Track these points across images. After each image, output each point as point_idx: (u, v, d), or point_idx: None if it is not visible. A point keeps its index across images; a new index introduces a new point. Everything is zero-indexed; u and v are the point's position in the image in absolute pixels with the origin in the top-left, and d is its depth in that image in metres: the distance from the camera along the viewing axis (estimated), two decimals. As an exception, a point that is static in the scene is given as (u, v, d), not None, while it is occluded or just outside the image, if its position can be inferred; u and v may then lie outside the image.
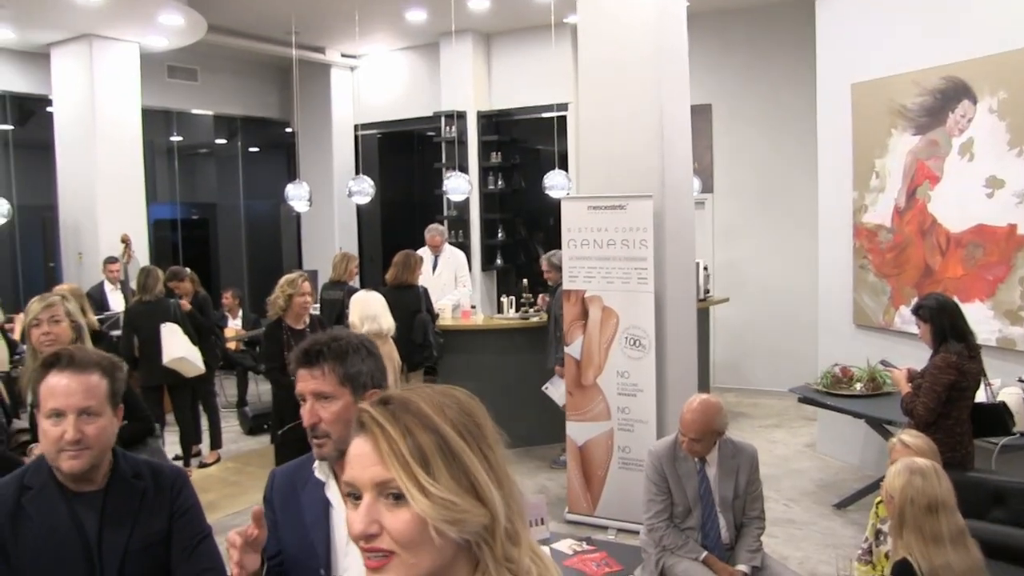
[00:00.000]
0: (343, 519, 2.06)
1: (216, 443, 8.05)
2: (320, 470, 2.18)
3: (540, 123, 11.20)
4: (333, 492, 2.16)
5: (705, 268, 9.06)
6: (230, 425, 9.01)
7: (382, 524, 1.18)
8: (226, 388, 10.16)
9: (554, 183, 8.90)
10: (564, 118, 10.71)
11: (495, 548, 1.20)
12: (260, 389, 10.22)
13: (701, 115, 9.68)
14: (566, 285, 6.22)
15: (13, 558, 2.14)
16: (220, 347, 8.74)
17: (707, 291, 9.20)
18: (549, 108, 10.76)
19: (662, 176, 5.99)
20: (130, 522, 2.25)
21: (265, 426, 8.71)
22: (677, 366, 6.11)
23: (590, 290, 6.08)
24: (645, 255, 5.87)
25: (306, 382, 2.13)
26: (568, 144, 10.81)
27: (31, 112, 10.94)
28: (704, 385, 8.40)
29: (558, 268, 6.74)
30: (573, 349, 6.17)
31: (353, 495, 1.22)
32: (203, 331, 7.85)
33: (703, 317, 8.74)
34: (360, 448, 1.21)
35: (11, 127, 10.70)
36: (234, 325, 10.06)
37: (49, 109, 10.35)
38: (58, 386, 2.20)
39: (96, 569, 2.19)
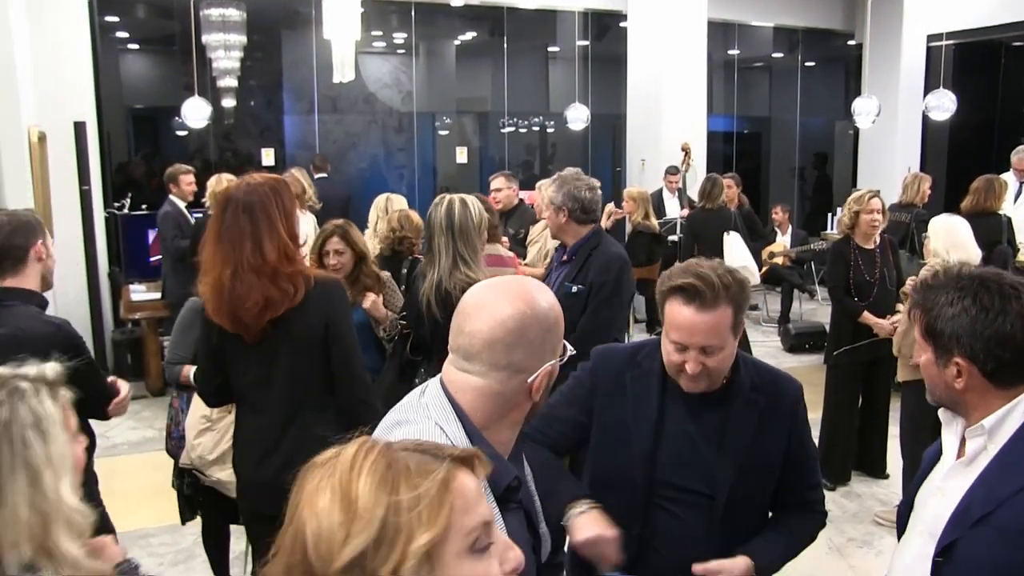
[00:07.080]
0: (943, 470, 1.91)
1: (759, 357, 8.12)
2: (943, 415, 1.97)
3: None
4: (948, 439, 1.96)
5: None
6: (771, 340, 9.02)
7: None
8: (768, 303, 10.17)
9: None
10: None
11: None
12: (803, 308, 10.09)
13: None
14: None
15: (595, 416, 2.27)
16: None
17: None
18: None
19: None
20: (732, 438, 2.18)
21: (807, 345, 8.57)
22: None
23: None
24: None
25: None
26: None
27: (607, 27, 11.79)
28: None
29: None
30: None
31: None
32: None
33: None
34: None
35: (588, 42, 11.56)
36: (783, 241, 9.98)
37: (623, 24, 10.97)
38: (686, 322, 2.07)
39: (654, 467, 2.19)
